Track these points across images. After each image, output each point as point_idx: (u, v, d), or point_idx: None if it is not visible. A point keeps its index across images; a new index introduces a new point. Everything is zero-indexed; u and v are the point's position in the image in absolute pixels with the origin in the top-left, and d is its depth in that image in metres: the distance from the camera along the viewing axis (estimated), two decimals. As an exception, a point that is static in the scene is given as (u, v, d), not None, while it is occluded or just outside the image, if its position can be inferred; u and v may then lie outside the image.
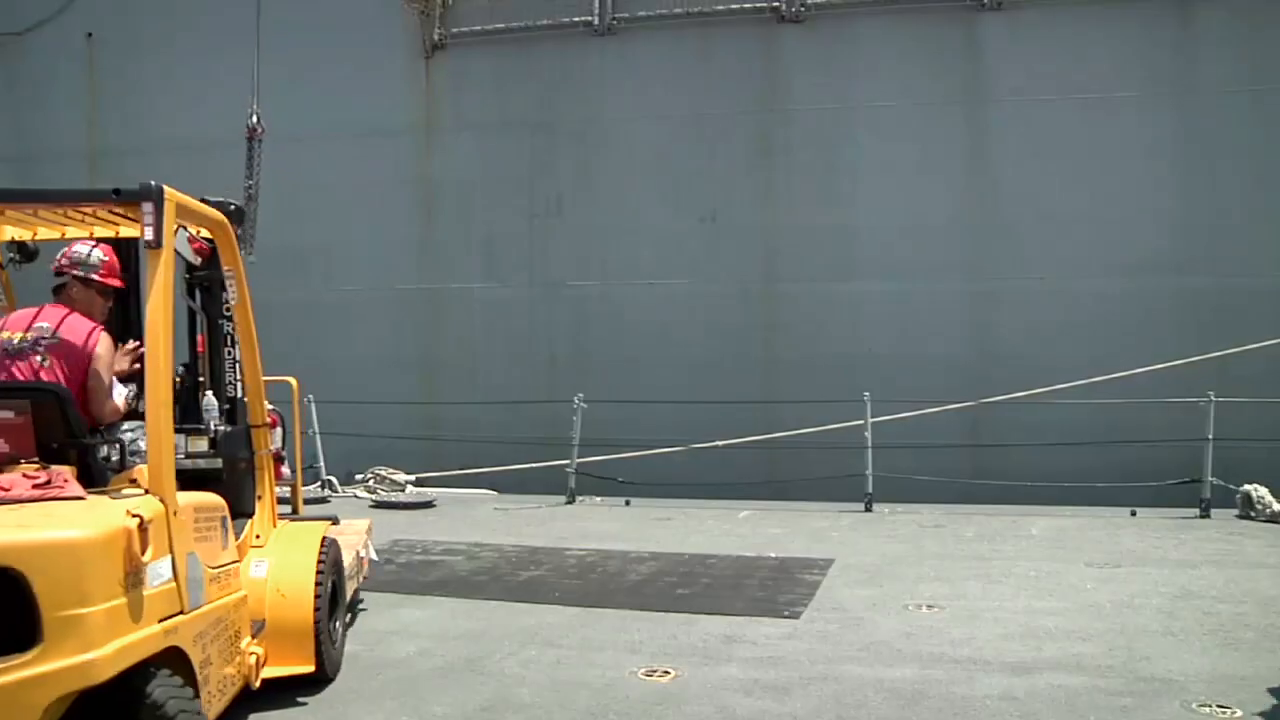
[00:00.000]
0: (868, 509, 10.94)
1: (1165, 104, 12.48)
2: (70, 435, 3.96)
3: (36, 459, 3.80)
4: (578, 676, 5.35)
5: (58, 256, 4.53)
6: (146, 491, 3.63)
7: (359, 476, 12.74)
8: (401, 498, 11.94)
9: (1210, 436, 10.52)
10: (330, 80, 14.39)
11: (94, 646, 3.09)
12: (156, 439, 3.65)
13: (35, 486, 3.56)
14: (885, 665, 5.62)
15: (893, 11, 13.26)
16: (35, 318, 4.31)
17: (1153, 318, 12.17)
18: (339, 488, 12.37)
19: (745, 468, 12.09)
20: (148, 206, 3.71)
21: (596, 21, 14.09)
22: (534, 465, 12.32)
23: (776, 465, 12.32)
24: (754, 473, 12.07)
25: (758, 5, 13.57)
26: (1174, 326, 12.00)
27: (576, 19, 14.14)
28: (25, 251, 4.89)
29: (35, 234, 4.67)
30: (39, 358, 4.19)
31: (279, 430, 4.74)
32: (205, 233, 4.63)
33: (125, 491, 3.74)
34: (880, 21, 13.32)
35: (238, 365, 5.22)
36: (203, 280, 5.17)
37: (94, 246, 4.65)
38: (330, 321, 14.27)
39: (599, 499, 11.88)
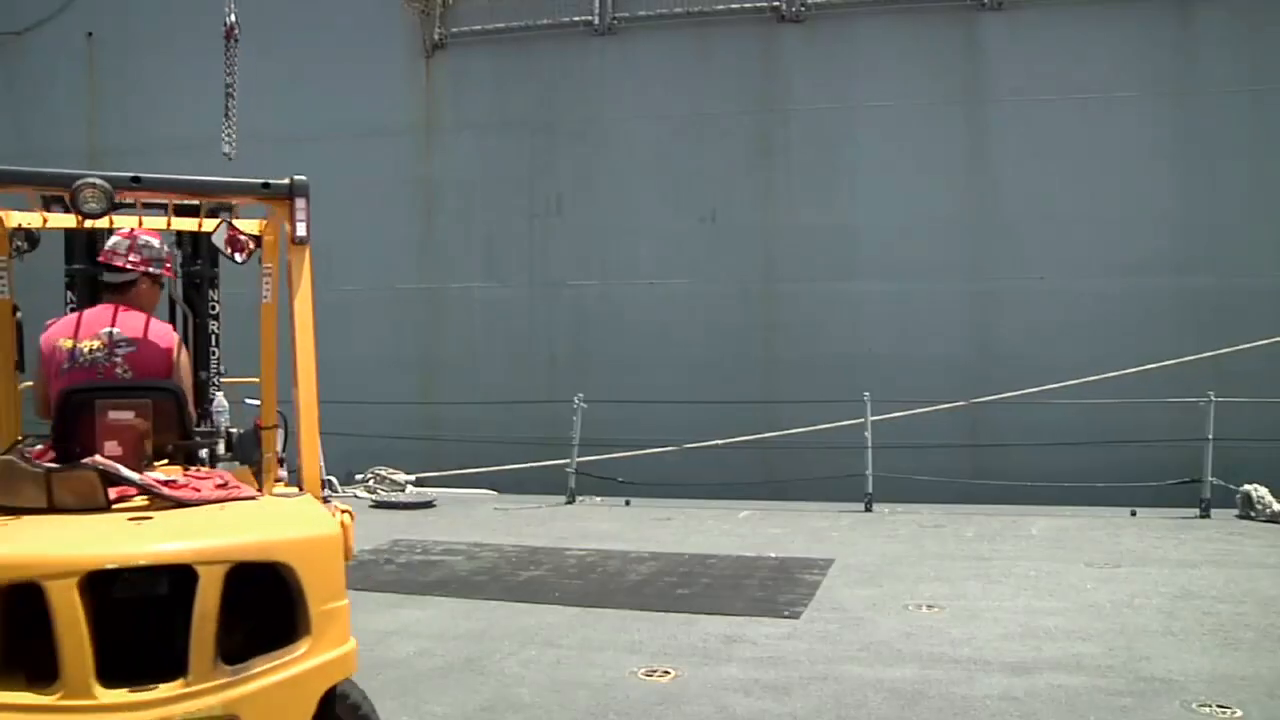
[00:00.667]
0: (868, 509, 10.95)
1: (1165, 104, 12.48)
2: (183, 436, 3.91)
3: (155, 460, 3.75)
4: (578, 676, 5.35)
5: (114, 250, 4.12)
6: (301, 490, 3.72)
7: (359, 476, 12.74)
8: (401, 498, 11.94)
9: (1210, 436, 10.53)
10: (330, 80, 14.39)
11: (345, 639, 3.19)
12: (311, 441, 3.68)
13: (218, 487, 3.57)
14: (885, 665, 5.62)
15: (893, 11, 13.25)
16: (110, 321, 4.01)
17: (1153, 318, 12.17)
18: (339, 488, 12.37)
19: (745, 468, 12.09)
20: (301, 202, 3.75)
21: (596, 21, 14.08)
22: (534, 465, 12.32)
23: (776, 465, 12.32)
24: (754, 473, 12.07)
25: (758, 5, 13.56)
26: (1174, 326, 11.99)
27: (576, 19, 14.13)
28: (32, 240, 4.77)
29: (46, 222, 4.61)
30: (119, 369, 3.93)
31: (281, 432, 4.69)
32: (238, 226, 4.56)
33: (279, 491, 3.78)
34: (880, 21, 13.31)
35: (220, 366, 5.13)
36: (193, 277, 4.95)
37: (156, 239, 4.32)
38: (330, 321, 14.22)
39: (599, 499, 11.88)
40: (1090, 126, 12.50)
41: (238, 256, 4.33)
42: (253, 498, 3.60)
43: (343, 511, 3.45)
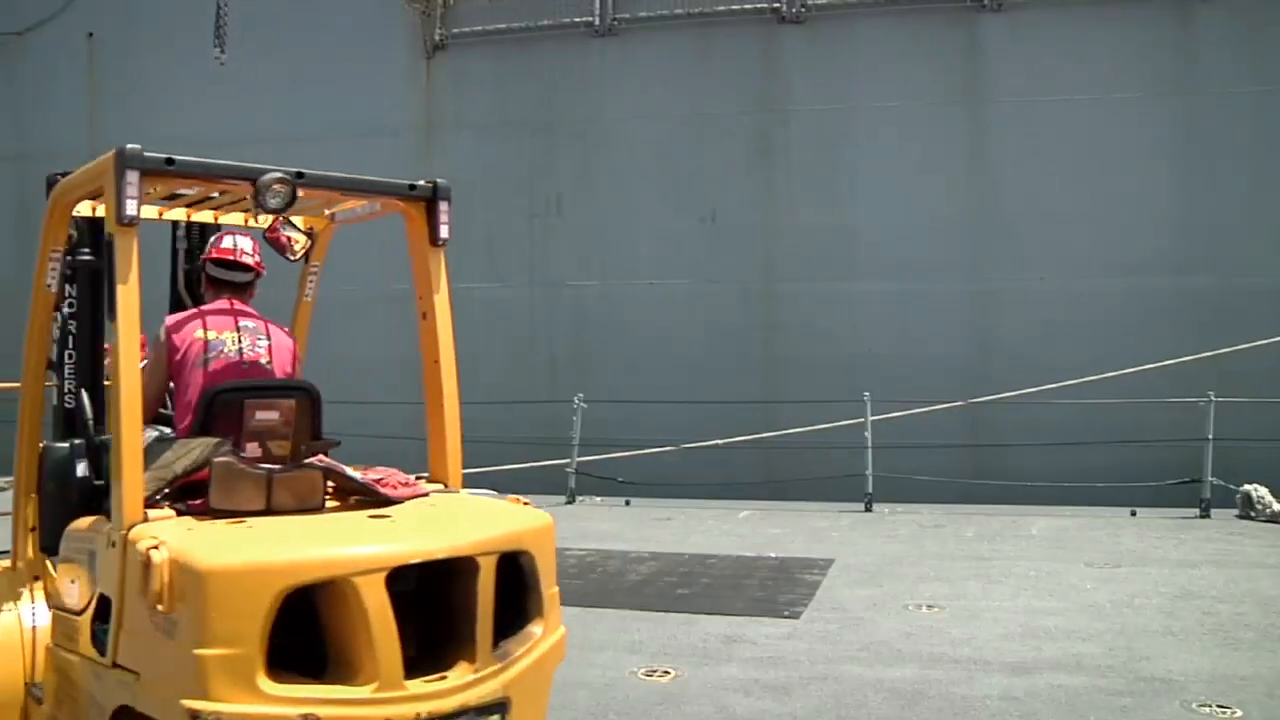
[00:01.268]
0: (868, 509, 10.95)
1: (1165, 104, 12.48)
2: (314, 435, 3.89)
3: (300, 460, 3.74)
4: (578, 676, 5.35)
5: (240, 249, 4.09)
6: (446, 486, 3.84)
7: (359, 477, 12.73)
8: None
9: (1210, 436, 10.53)
10: (331, 80, 14.39)
11: (560, 623, 3.41)
12: (455, 438, 3.89)
13: (402, 485, 3.65)
14: (885, 665, 5.62)
15: (893, 12, 13.25)
16: (237, 317, 3.99)
17: (1153, 318, 12.17)
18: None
19: (745, 468, 12.09)
20: (444, 205, 3.93)
21: (597, 22, 14.09)
22: (534, 465, 12.32)
23: (776, 465, 12.32)
24: (754, 473, 12.07)
25: (758, 6, 13.57)
26: (1174, 326, 11.99)
27: (577, 19, 14.14)
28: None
29: (190, 216, 4.61)
30: (262, 360, 3.95)
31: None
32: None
33: (425, 486, 3.86)
34: (880, 22, 13.31)
35: None
36: (190, 271, 4.84)
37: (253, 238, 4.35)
38: (330, 321, 14.23)
39: (599, 499, 11.89)
40: (1090, 127, 12.50)
41: (290, 255, 4.37)
42: (426, 495, 3.70)
43: (523, 503, 3.64)
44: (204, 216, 4.50)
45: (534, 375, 13.95)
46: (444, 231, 3.96)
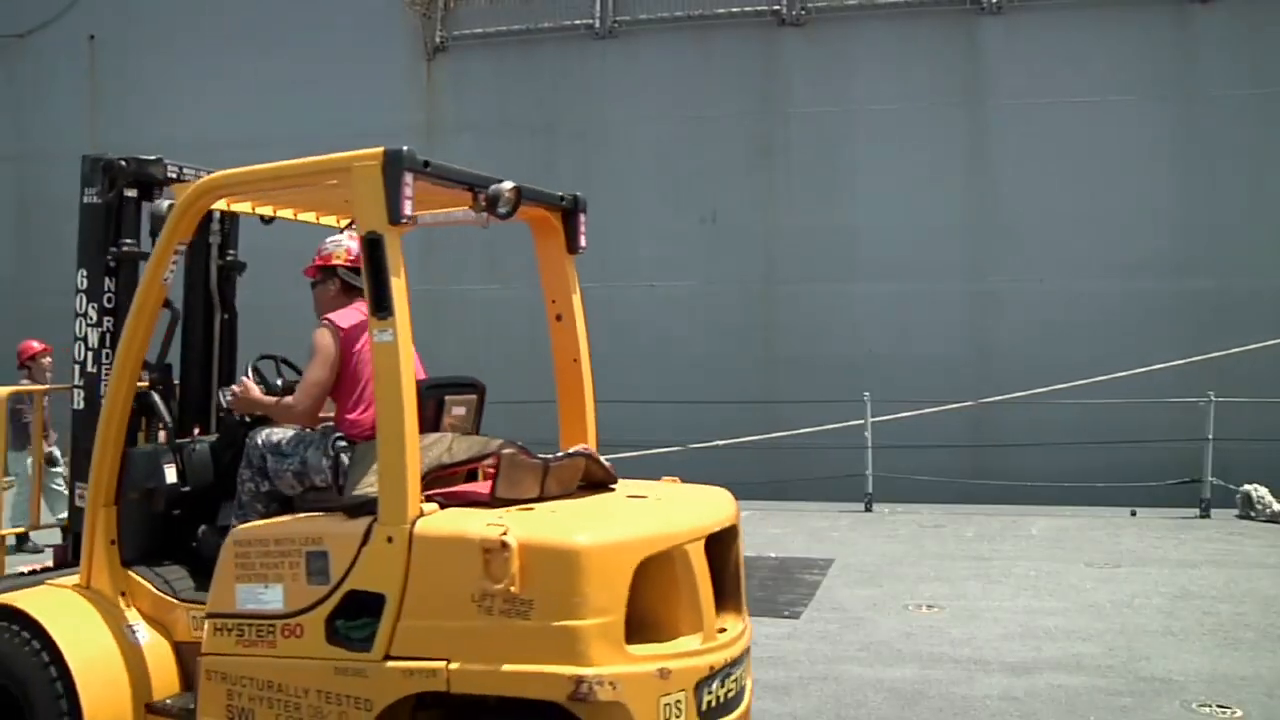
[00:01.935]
0: (868, 509, 10.96)
1: (1165, 106, 12.48)
2: (477, 428, 4.07)
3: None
4: (578, 676, 5.35)
5: (348, 252, 4.15)
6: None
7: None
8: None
9: (1210, 436, 10.53)
10: (331, 82, 14.39)
11: None
12: (594, 431, 4.25)
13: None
14: (885, 665, 5.63)
15: (892, 14, 13.26)
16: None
17: (1153, 318, 12.17)
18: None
19: (745, 468, 12.07)
20: (583, 217, 4.24)
21: (597, 24, 14.09)
22: (534, 466, 12.31)
23: (776, 465, 12.31)
24: (754, 473, 12.05)
25: (758, 8, 13.57)
26: (1174, 327, 11.99)
27: (578, 21, 14.14)
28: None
29: (275, 212, 4.54)
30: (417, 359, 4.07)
31: None
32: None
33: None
34: (880, 24, 13.32)
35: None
36: (226, 269, 4.81)
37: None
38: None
39: (599, 500, 11.88)
40: (1090, 128, 12.50)
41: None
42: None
43: None
44: (285, 214, 4.57)
45: (534, 376, 13.91)
46: (583, 240, 4.26)
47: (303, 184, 3.92)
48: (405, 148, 3.38)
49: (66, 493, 4.93)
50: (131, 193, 4.34)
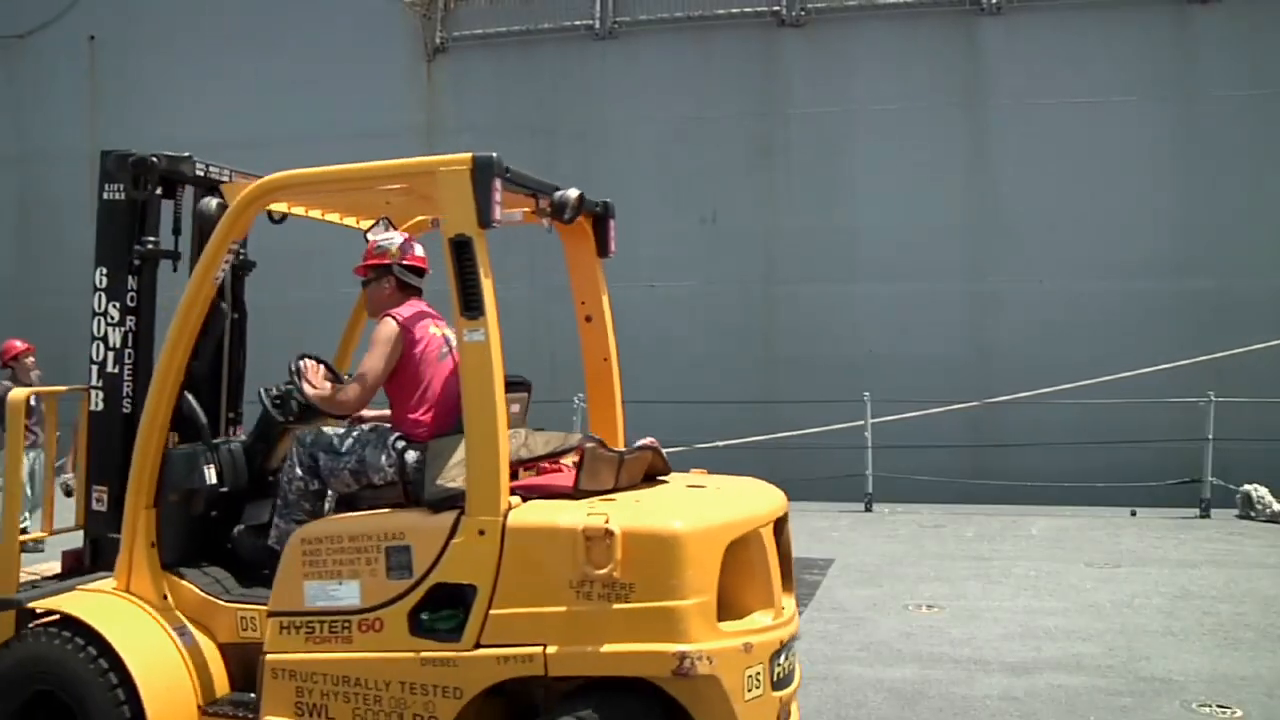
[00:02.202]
0: (868, 509, 10.96)
1: (1164, 106, 12.48)
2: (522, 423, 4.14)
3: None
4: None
5: (420, 255, 4.22)
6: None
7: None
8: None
9: (1210, 436, 10.54)
10: (332, 83, 14.39)
11: None
12: (622, 427, 4.43)
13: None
14: (885, 665, 5.64)
15: (892, 15, 13.26)
16: (433, 316, 4.16)
17: (1152, 319, 12.17)
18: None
19: (745, 468, 12.03)
20: (612, 223, 4.43)
21: (597, 25, 14.09)
22: (534, 466, 12.32)
23: (776, 465, 12.28)
24: (754, 473, 12.01)
25: (758, 9, 13.57)
26: (1174, 327, 12.00)
27: (577, 22, 14.14)
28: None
29: (323, 215, 4.59)
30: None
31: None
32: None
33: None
34: (880, 25, 13.32)
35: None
36: (238, 269, 4.73)
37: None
38: (331, 323, 14.23)
39: (600, 500, 11.88)
40: (1089, 129, 12.50)
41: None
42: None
43: None
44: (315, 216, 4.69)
45: (535, 376, 13.90)
46: (613, 245, 4.40)
47: (371, 187, 4.06)
48: (494, 154, 3.55)
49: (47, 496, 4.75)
50: (157, 190, 4.27)
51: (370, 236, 4.18)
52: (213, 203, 4.07)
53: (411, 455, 3.77)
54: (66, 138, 15.48)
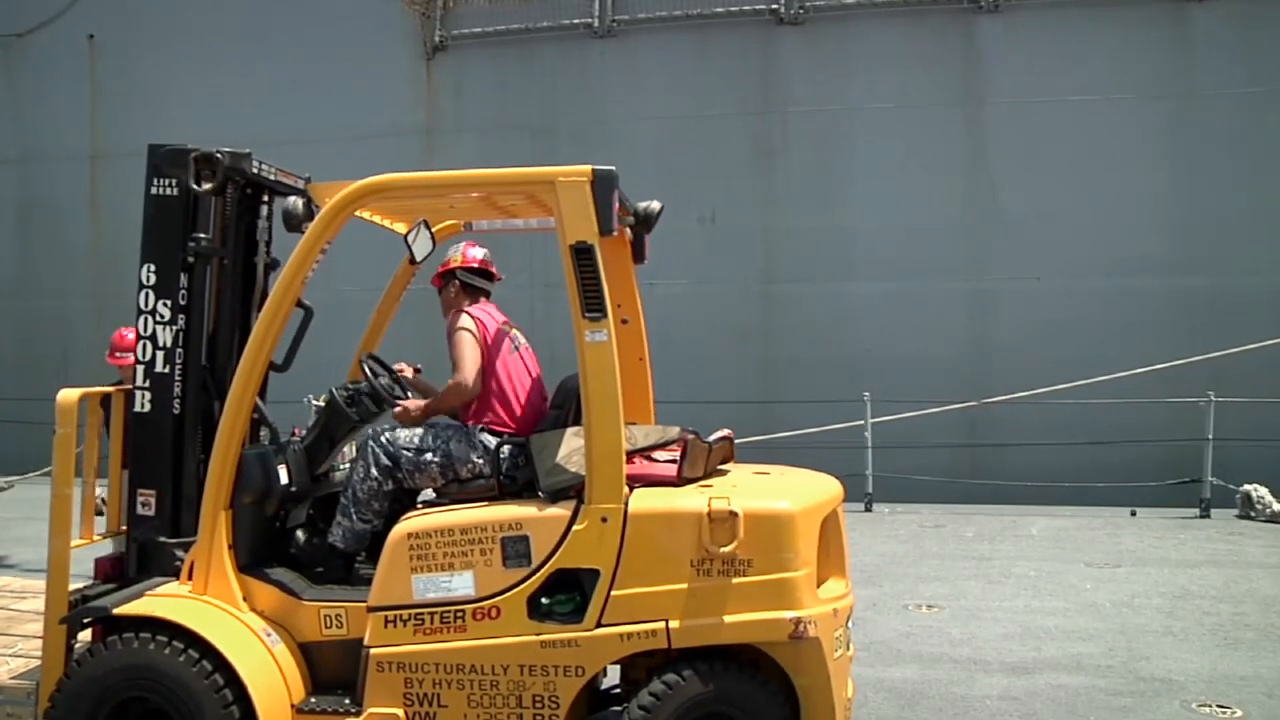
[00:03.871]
0: (868, 509, 10.96)
1: (1162, 104, 12.49)
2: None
3: None
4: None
5: (488, 260, 4.60)
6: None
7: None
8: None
9: (1210, 436, 10.54)
10: (331, 82, 14.39)
11: None
12: (653, 423, 4.64)
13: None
14: (885, 665, 5.64)
15: (890, 14, 13.26)
16: (501, 318, 4.46)
17: (1151, 318, 12.18)
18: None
19: (745, 468, 12.09)
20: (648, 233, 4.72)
21: (597, 23, 14.09)
22: (534, 466, 12.31)
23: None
24: (754, 473, 12.07)
25: (756, 7, 13.57)
26: (1172, 326, 12.00)
27: (577, 21, 14.14)
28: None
29: (370, 215, 4.72)
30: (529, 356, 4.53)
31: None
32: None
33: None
34: (878, 24, 13.32)
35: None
36: (268, 266, 4.67)
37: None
38: (331, 322, 14.22)
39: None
40: (1087, 127, 12.51)
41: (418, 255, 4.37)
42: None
43: None
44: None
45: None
46: (648, 253, 4.89)
47: (474, 193, 4.31)
48: (612, 167, 3.83)
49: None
50: (225, 186, 4.20)
51: (408, 240, 4.13)
52: (299, 203, 4.08)
53: (507, 449, 3.94)
54: (66, 138, 15.47)
